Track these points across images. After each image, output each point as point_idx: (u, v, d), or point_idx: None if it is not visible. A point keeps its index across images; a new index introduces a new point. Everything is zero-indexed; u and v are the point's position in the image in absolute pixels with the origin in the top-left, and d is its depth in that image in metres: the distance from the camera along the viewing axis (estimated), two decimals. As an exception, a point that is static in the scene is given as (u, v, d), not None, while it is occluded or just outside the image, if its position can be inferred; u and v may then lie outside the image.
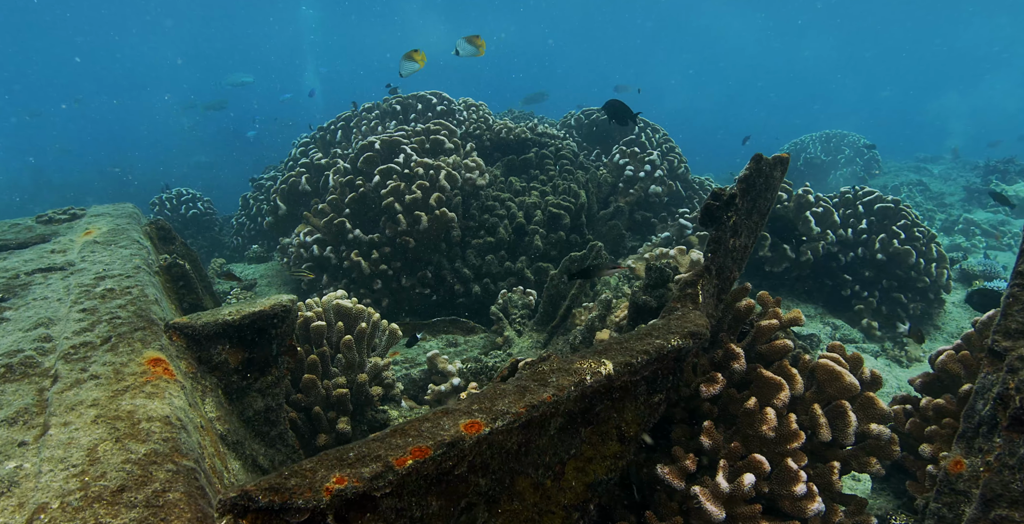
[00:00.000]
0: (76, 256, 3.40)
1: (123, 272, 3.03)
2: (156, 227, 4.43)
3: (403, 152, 5.45)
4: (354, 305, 3.25)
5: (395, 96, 7.16)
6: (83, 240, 3.72)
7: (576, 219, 5.57)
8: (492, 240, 5.27)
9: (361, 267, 5.00)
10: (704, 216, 2.74)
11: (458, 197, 5.25)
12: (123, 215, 4.38)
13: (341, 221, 5.09)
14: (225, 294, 6.04)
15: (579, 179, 6.37)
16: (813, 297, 6.88)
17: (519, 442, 1.89)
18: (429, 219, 4.94)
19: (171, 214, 9.45)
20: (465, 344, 4.71)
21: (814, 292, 6.87)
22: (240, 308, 2.45)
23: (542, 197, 5.80)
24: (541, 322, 4.55)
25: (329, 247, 5.17)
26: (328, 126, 7.56)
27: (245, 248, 8.71)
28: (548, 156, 6.72)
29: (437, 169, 5.17)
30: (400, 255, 5.20)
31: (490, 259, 5.19)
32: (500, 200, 5.57)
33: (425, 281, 5.20)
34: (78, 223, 4.24)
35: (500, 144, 6.78)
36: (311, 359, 3.02)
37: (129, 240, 3.67)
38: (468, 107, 7.16)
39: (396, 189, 5.01)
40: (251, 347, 2.56)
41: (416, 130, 5.96)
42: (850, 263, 6.64)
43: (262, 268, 6.70)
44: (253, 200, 8.76)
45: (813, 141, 16.19)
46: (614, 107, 5.89)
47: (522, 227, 5.38)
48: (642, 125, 8.40)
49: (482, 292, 5.16)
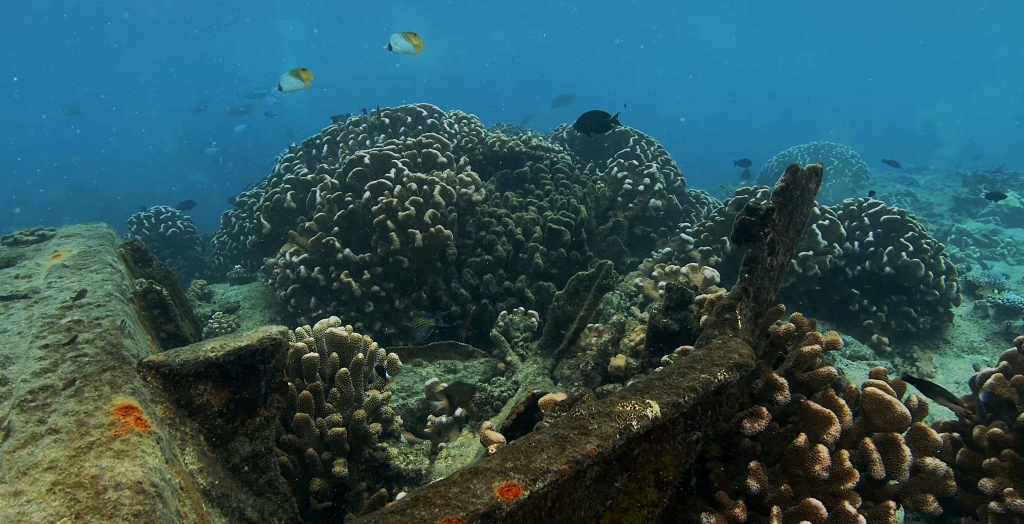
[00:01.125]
0: (42, 282, 3.09)
1: (92, 300, 2.73)
2: (131, 249, 4.12)
3: (394, 167, 5.18)
4: (349, 333, 2.97)
5: (383, 109, 6.90)
6: (51, 264, 3.41)
7: (577, 235, 5.32)
8: (490, 258, 5.00)
9: (352, 289, 4.71)
10: (738, 233, 2.49)
11: (453, 214, 4.99)
12: (96, 236, 4.07)
13: (330, 240, 4.80)
14: (206, 317, 5.71)
15: (577, 193, 6.13)
16: (819, 312, 6.67)
17: (554, 498, 1.62)
18: (424, 237, 4.66)
19: (149, 233, 9.11)
20: (465, 370, 4.42)
21: (819, 307, 6.66)
22: (224, 342, 2.16)
23: (540, 213, 5.55)
24: (546, 345, 4.27)
25: (317, 267, 4.88)
26: (313, 140, 7.29)
27: (227, 268, 8.38)
28: (544, 170, 6.48)
29: (431, 184, 4.91)
30: (393, 275, 4.92)
31: (488, 279, 4.92)
32: (497, 216, 5.31)
33: (420, 303, 4.92)
34: (47, 245, 3.92)
35: (493, 158, 6.54)
36: (303, 395, 2.73)
37: (101, 263, 3.37)
38: (459, 120, 6.91)
39: (388, 206, 4.74)
40: (237, 386, 2.27)
41: (407, 144, 5.70)
42: (857, 277, 6.44)
43: (245, 289, 6.38)
44: (235, 218, 8.43)
45: (802, 152, 16.11)
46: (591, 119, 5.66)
47: (521, 244, 5.12)
48: (636, 137, 8.20)
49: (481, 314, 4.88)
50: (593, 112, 5.63)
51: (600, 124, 5.61)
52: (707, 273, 4.32)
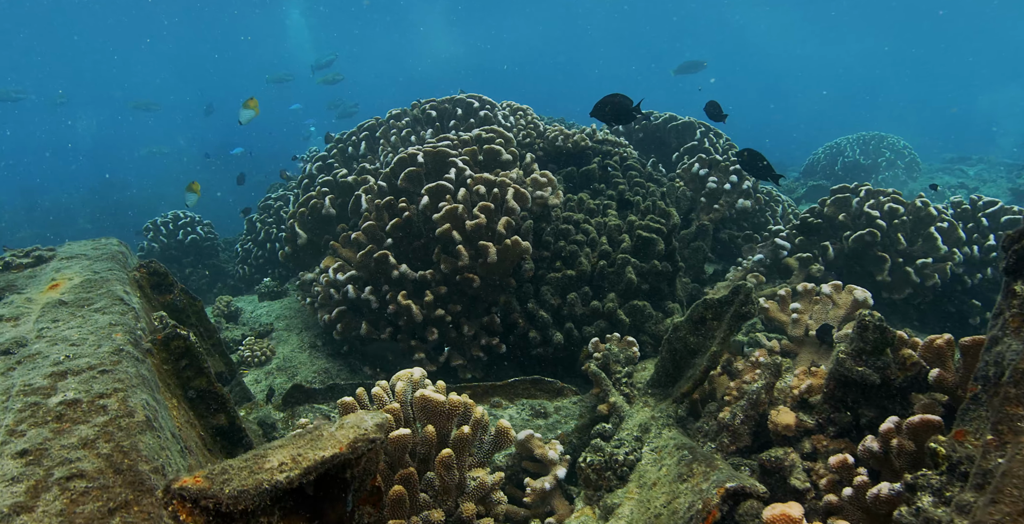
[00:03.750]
0: (32, 327, 2.30)
1: (96, 361, 1.93)
2: (148, 272, 3.33)
3: (454, 166, 4.37)
4: (447, 397, 2.15)
5: (428, 101, 6.08)
6: (46, 299, 2.62)
7: (668, 244, 4.49)
8: (572, 273, 4.18)
9: (412, 313, 3.91)
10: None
11: (528, 221, 4.17)
12: (103, 257, 3.28)
13: (383, 254, 4.00)
14: (236, 343, 4.93)
15: (655, 193, 5.30)
16: (931, 325, 5.81)
17: None
18: (498, 251, 3.85)
19: (167, 240, 8.36)
20: (556, 413, 3.61)
21: (929, 319, 5.80)
22: (298, 454, 1.35)
23: (621, 217, 4.72)
24: (659, 384, 3.45)
25: (369, 287, 4.09)
26: (347, 137, 6.49)
27: (251, 278, 7.62)
28: (613, 167, 5.65)
29: (502, 186, 4.09)
30: (459, 296, 4.12)
31: (572, 298, 4.10)
32: (574, 222, 4.49)
33: (492, 328, 4.11)
34: (44, 270, 3.14)
35: (555, 154, 5.72)
36: (395, 493, 1.92)
37: (109, 298, 2.58)
38: (514, 111, 6.09)
39: (453, 213, 3.93)
40: (315, 509, 1.47)
41: (464, 139, 4.89)
42: (977, 286, 5.58)
43: (277, 307, 5.60)
44: (260, 224, 7.66)
45: (850, 144, 15.18)
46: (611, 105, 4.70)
47: (608, 255, 4.30)
48: (703, 129, 7.37)
49: (565, 340, 4.07)
50: (614, 96, 4.66)
51: (621, 112, 4.66)
52: (858, 294, 3.47)
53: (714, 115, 5.65)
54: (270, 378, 4.44)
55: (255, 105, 6.20)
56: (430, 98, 6.15)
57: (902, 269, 5.29)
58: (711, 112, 5.65)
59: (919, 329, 5.76)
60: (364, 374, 4.30)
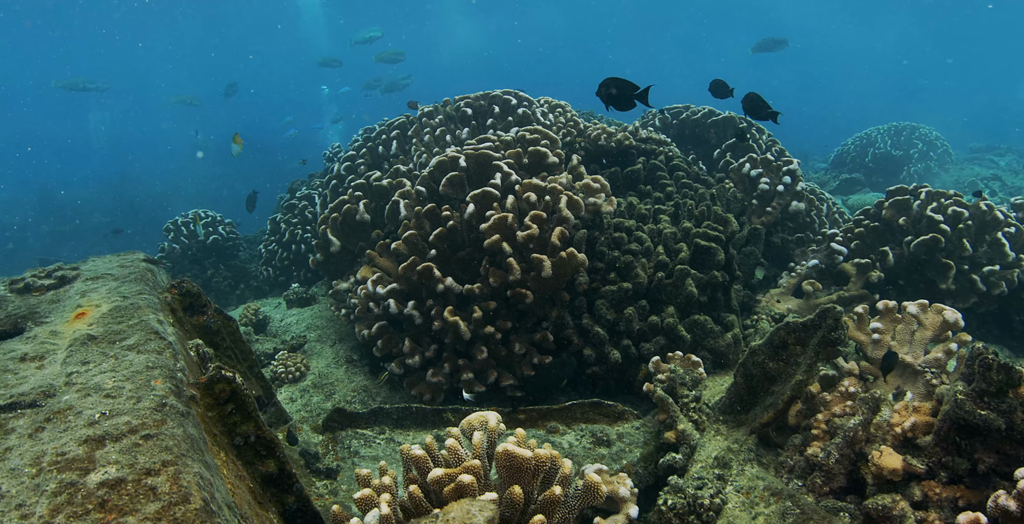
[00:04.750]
0: (59, 370, 2.05)
1: (137, 422, 1.68)
2: (180, 293, 3.08)
3: (499, 170, 4.09)
4: (534, 453, 1.89)
5: (461, 98, 5.80)
6: (72, 331, 2.37)
7: (726, 252, 4.20)
8: (628, 286, 3.90)
9: (459, 330, 3.65)
10: None
11: (582, 230, 3.89)
12: (132, 277, 3.03)
13: (427, 267, 3.73)
14: (267, 357, 4.69)
15: (705, 196, 5.00)
16: (991, 336, 5.50)
17: None
18: (553, 264, 3.57)
19: (188, 240, 8.13)
20: (619, 440, 3.34)
21: (991, 328, 5.49)
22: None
23: (674, 223, 4.43)
24: (731, 411, 3.18)
25: (412, 302, 3.82)
26: (376, 135, 6.21)
27: (275, 280, 7.38)
28: (659, 167, 5.35)
29: (554, 193, 3.81)
30: (508, 311, 3.85)
31: (629, 313, 3.82)
32: (627, 230, 4.20)
33: (544, 345, 3.84)
34: (68, 293, 2.89)
35: (597, 154, 5.42)
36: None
37: (142, 332, 2.32)
38: (552, 108, 5.80)
39: (502, 223, 3.65)
40: None
41: (506, 140, 4.60)
42: (1047, 294, 5.27)
43: (307, 315, 5.35)
44: (285, 224, 7.41)
45: (881, 135, 14.75)
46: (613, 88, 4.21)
47: (665, 266, 4.01)
48: (745, 125, 7.04)
49: (622, 358, 3.79)
50: (615, 80, 4.11)
51: (621, 97, 4.10)
52: (948, 316, 3.16)
53: (720, 93, 5.34)
54: (305, 396, 4.19)
55: (239, 141, 7.18)
56: (464, 95, 5.86)
57: (967, 277, 4.99)
58: (716, 90, 5.34)
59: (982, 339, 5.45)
60: (405, 392, 4.04)
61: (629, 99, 4.09)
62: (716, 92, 5.37)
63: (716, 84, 5.36)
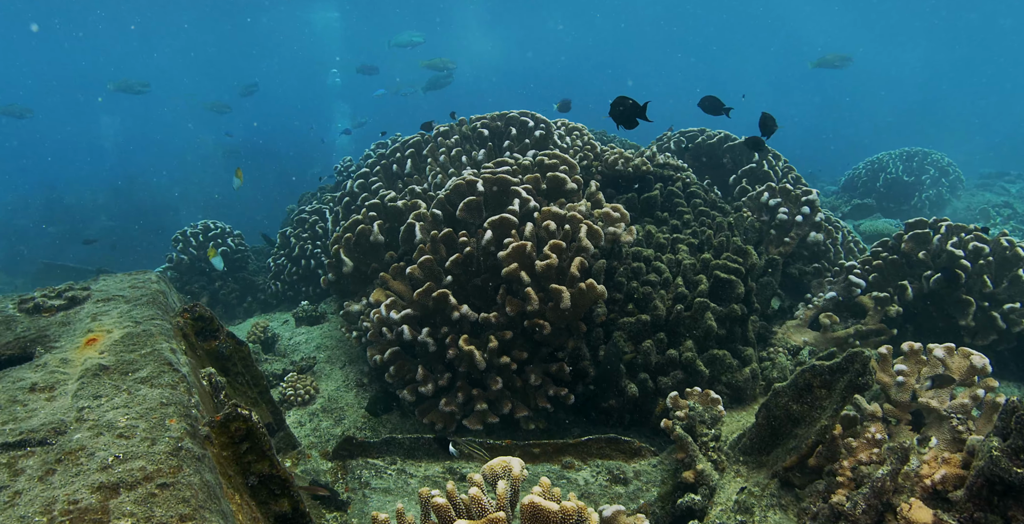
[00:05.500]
0: (70, 404, 1.99)
1: (153, 468, 1.61)
2: (192, 317, 3.02)
3: (517, 196, 4.04)
4: (560, 505, 1.82)
5: (478, 118, 5.76)
6: (83, 360, 2.31)
7: (746, 285, 4.14)
8: (646, 318, 3.83)
9: (474, 360, 3.58)
10: None
11: (602, 261, 3.83)
12: (144, 300, 2.97)
13: (443, 294, 3.67)
14: (276, 377, 4.62)
15: (723, 225, 4.94)
16: (1008, 371, 5.41)
17: None
18: (572, 295, 3.51)
19: (196, 251, 8.08)
20: (637, 479, 3.27)
21: (1009, 365, 5.41)
22: None
23: (694, 253, 4.37)
24: (752, 451, 3.11)
25: (426, 329, 3.75)
26: (390, 152, 6.17)
27: (283, 294, 7.33)
28: (676, 193, 5.30)
29: (574, 222, 3.75)
30: (524, 341, 3.78)
31: (647, 346, 3.75)
32: (646, 259, 4.14)
33: (560, 377, 3.77)
34: (78, 314, 2.84)
35: (614, 179, 5.37)
36: None
37: (155, 363, 2.26)
38: (569, 131, 5.75)
39: (520, 251, 3.59)
40: None
41: (524, 164, 4.56)
42: (1067, 331, 5.18)
43: (316, 334, 5.29)
44: (295, 239, 7.36)
45: (893, 160, 14.70)
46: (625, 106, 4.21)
47: (683, 298, 3.94)
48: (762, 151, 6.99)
49: (639, 392, 3.71)
50: (622, 99, 4.14)
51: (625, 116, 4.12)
52: (975, 361, 3.09)
53: (712, 110, 5.30)
54: (315, 420, 4.12)
55: (240, 175, 7.49)
56: (480, 115, 5.82)
57: (987, 314, 4.91)
58: (708, 107, 5.32)
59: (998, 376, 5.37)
60: (416, 420, 3.97)
61: (631, 118, 4.09)
62: (708, 109, 5.33)
63: (708, 101, 5.33)
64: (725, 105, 5.32)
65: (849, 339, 4.75)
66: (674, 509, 3.10)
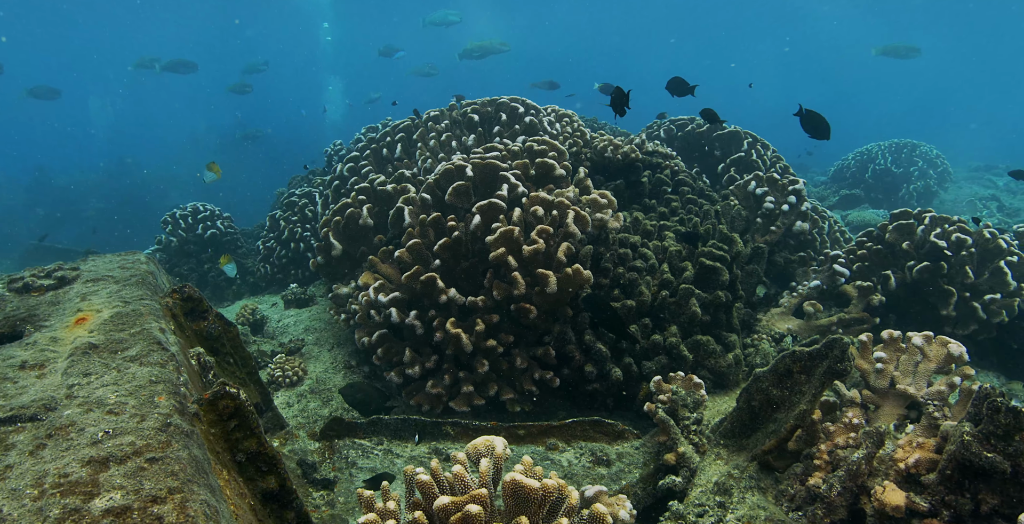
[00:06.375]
0: (60, 381, 2.02)
1: (142, 443, 1.65)
2: (181, 298, 3.05)
3: (506, 182, 4.07)
4: (542, 483, 1.87)
5: (468, 103, 5.77)
6: (73, 338, 2.34)
7: (731, 272, 4.19)
8: (632, 304, 3.88)
9: (461, 342, 3.62)
10: None
11: (588, 246, 3.87)
12: (133, 280, 3.00)
13: (431, 277, 3.71)
14: (265, 357, 4.65)
15: (710, 214, 4.99)
16: (987, 360, 5.51)
17: None
18: (558, 280, 3.55)
19: (186, 234, 8.07)
20: (619, 460, 3.32)
21: (989, 355, 5.50)
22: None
23: (679, 241, 4.41)
24: (732, 435, 3.17)
25: (414, 311, 3.79)
26: (381, 137, 6.17)
27: (272, 277, 7.34)
28: (664, 181, 5.33)
29: (561, 208, 3.79)
30: (511, 325, 3.82)
31: (634, 331, 3.80)
32: (632, 246, 4.18)
33: (546, 360, 3.82)
34: (68, 294, 2.86)
35: (603, 166, 5.40)
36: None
37: (145, 342, 2.29)
38: (559, 117, 5.77)
39: (508, 236, 3.63)
40: None
41: (513, 150, 4.58)
42: (1045, 321, 5.27)
43: (305, 317, 5.32)
44: (284, 222, 7.37)
45: (882, 151, 14.76)
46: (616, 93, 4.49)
47: (669, 285, 3.99)
48: (751, 140, 7.03)
49: (623, 376, 3.77)
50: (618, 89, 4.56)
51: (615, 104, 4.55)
52: (953, 349, 3.15)
53: (678, 91, 5.37)
54: (302, 401, 4.16)
55: (217, 169, 7.07)
56: (471, 101, 5.83)
57: (968, 304, 4.99)
58: (674, 88, 5.40)
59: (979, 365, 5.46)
60: (402, 400, 4.01)
61: (620, 106, 4.23)
62: (675, 90, 5.39)
63: (675, 82, 5.38)
64: (690, 84, 5.38)
65: (832, 327, 4.81)
66: (655, 490, 3.16)
